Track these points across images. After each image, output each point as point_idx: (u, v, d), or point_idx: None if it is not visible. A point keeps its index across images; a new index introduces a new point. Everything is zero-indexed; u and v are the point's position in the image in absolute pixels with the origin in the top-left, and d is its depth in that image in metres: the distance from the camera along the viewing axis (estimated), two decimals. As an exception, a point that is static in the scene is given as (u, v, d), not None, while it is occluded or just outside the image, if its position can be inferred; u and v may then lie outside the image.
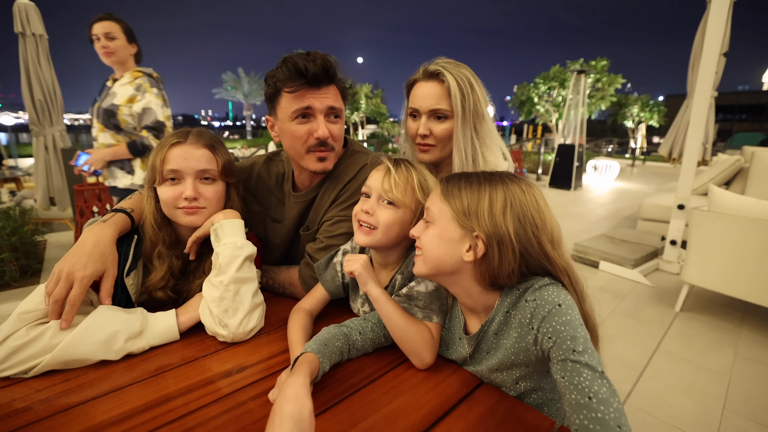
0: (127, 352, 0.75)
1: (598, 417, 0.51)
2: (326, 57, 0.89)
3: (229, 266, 0.83)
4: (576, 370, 0.55)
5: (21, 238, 2.92)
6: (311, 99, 0.89)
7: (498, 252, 0.63)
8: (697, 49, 3.28)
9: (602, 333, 0.74)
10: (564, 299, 0.62)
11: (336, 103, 0.93)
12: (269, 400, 0.65)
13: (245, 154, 10.94)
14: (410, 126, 1.05)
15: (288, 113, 0.91)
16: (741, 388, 1.79)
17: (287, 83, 0.88)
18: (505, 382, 0.72)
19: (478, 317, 0.74)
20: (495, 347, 0.71)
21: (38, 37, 3.56)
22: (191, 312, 0.84)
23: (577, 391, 0.53)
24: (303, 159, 0.96)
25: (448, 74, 0.96)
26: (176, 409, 0.63)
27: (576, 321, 0.60)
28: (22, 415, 0.60)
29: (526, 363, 0.67)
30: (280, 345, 0.83)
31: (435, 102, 0.98)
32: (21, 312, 0.70)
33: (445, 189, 0.69)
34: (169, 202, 0.85)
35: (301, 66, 0.86)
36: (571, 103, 7.75)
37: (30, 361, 0.68)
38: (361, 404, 0.66)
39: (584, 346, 0.57)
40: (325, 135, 0.91)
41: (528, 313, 0.64)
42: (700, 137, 2.96)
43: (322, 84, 0.90)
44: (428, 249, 0.69)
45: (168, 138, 0.88)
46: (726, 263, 2.22)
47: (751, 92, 36.66)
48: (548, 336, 0.59)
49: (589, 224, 4.80)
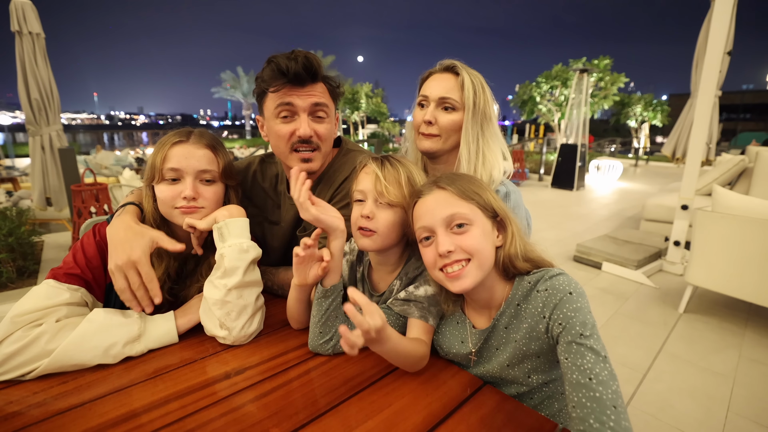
0: (125, 356, 0.75)
1: (596, 396, 0.54)
2: (308, 55, 0.89)
3: (234, 270, 0.81)
4: (580, 352, 0.58)
5: (18, 238, 2.90)
6: (293, 97, 0.89)
7: (509, 229, 0.71)
8: (700, 47, 3.26)
9: (605, 334, 0.74)
10: (575, 287, 0.65)
11: (321, 100, 0.92)
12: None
13: (244, 153, 10.95)
14: (416, 114, 1.05)
15: (271, 111, 0.91)
16: (745, 390, 1.78)
17: (271, 83, 0.88)
18: (517, 377, 0.73)
19: (489, 313, 0.75)
20: (505, 342, 0.73)
21: (35, 35, 3.53)
22: (190, 314, 0.84)
23: (579, 372, 0.56)
24: (288, 159, 0.95)
25: (464, 70, 0.98)
26: (175, 412, 0.62)
27: (585, 308, 0.62)
28: (19, 417, 0.60)
29: (538, 353, 0.69)
30: (280, 347, 0.82)
31: (446, 91, 0.98)
32: (15, 315, 0.69)
33: (459, 190, 0.71)
34: (167, 201, 0.84)
35: (283, 65, 0.86)
36: (574, 103, 7.72)
37: (26, 366, 0.67)
38: (362, 406, 0.65)
39: (591, 331, 0.60)
40: (307, 133, 0.90)
41: (540, 303, 0.66)
42: (704, 137, 2.94)
43: (305, 82, 0.89)
44: (482, 250, 0.68)
45: (169, 137, 0.87)
46: (730, 264, 2.20)
47: (755, 91, 36.43)
48: (558, 322, 0.62)
49: (592, 225, 4.78)
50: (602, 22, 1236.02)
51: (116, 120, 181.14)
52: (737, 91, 35.95)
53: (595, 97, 12.60)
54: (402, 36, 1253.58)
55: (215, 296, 0.80)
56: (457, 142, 1.03)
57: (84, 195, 2.93)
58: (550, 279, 0.67)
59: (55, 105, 3.73)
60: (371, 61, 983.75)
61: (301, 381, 0.71)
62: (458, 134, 1.02)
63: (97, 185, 3.04)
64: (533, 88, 13.57)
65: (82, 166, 5.59)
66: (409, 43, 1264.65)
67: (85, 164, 6.12)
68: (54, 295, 0.74)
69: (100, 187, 3.04)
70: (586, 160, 7.79)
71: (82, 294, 0.78)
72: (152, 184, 0.87)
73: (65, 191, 3.56)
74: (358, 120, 20.25)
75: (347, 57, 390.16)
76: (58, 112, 3.76)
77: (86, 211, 2.91)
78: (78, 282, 0.78)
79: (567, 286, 0.64)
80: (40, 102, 3.59)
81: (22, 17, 3.45)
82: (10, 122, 46.64)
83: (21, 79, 3.53)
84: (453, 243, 0.68)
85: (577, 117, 7.47)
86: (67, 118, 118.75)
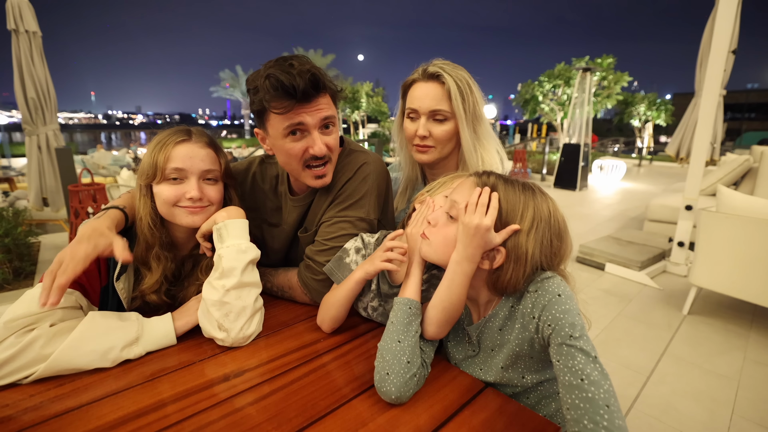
0: (123, 359, 0.74)
1: (588, 396, 0.54)
2: (313, 70, 0.81)
3: (232, 270, 0.81)
4: (571, 354, 0.59)
5: (14, 239, 2.88)
6: (303, 115, 0.83)
7: (512, 268, 0.66)
8: (705, 46, 3.23)
9: (608, 336, 0.74)
10: (564, 290, 0.65)
11: (329, 112, 0.88)
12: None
13: (243, 153, 10.93)
14: (408, 127, 1.04)
15: (279, 131, 0.85)
16: (750, 392, 1.76)
17: (274, 103, 0.81)
18: (512, 379, 0.74)
19: (483, 308, 0.76)
20: (500, 343, 0.73)
21: (32, 34, 3.48)
22: (188, 316, 0.83)
23: (570, 373, 0.57)
24: (300, 175, 0.92)
25: (448, 76, 0.96)
26: (172, 415, 0.61)
27: (574, 310, 0.63)
28: (15, 421, 0.59)
29: (530, 354, 0.70)
30: (279, 348, 0.81)
31: (435, 103, 0.97)
32: (8, 320, 0.68)
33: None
34: (170, 200, 0.83)
35: (287, 84, 0.78)
36: (577, 102, 7.68)
37: (21, 372, 0.67)
38: (361, 409, 0.64)
39: (581, 332, 0.61)
40: (323, 151, 0.87)
41: (530, 303, 0.67)
42: (709, 136, 2.91)
43: (312, 98, 0.83)
44: (443, 245, 0.70)
45: (169, 135, 0.84)
46: (735, 265, 2.18)
47: (760, 90, 36.19)
48: (548, 323, 0.63)
49: (595, 225, 4.76)
50: (605, 20, 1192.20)
51: (114, 119, 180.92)
52: (742, 90, 35.70)
53: (598, 96, 12.54)
54: (403, 34, 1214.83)
55: (213, 297, 0.79)
56: (453, 148, 1.03)
57: (81, 195, 2.91)
58: (540, 281, 0.67)
59: (52, 104, 3.67)
60: (372, 59, 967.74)
61: (301, 384, 0.70)
62: (453, 141, 1.02)
63: (94, 185, 3.02)
64: (536, 87, 13.52)
65: (79, 166, 5.56)
66: (411, 41, 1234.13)
67: (83, 164, 6.11)
68: None
69: (98, 187, 3.02)
70: (589, 159, 7.76)
71: (76, 297, 0.77)
72: (151, 183, 0.85)
73: (62, 191, 3.51)
74: (358, 119, 20.24)
75: (347, 56, 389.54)
76: (55, 111, 3.71)
77: (83, 211, 2.89)
78: (72, 285, 0.77)
79: (556, 289, 0.65)
80: (37, 101, 3.54)
81: (18, 15, 3.41)
82: (7, 122, 46.27)
83: (17, 78, 3.48)
84: (436, 219, 0.73)
85: (580, 116, 7.43)
86: (64, 118, 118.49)
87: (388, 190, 1.03)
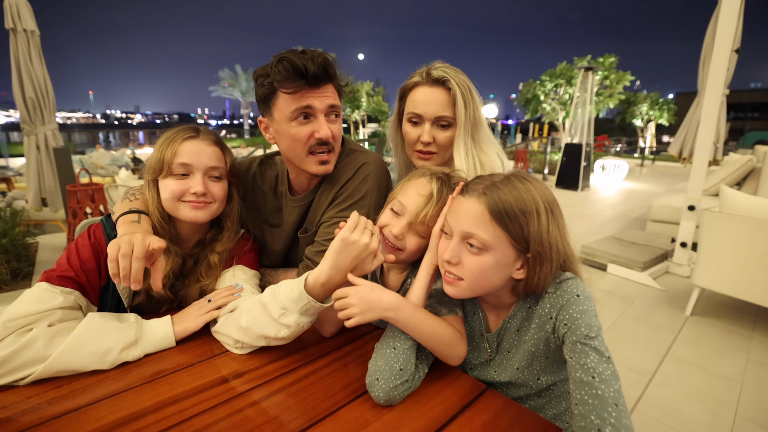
0: (122, 362, 0.73)
1: (598, 394, 0.55)
2: (325, 55, 0.86)
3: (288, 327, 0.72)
4: (584, 352, 0.59)
5: (12, 240, 2.87)
6: (311, 98, 0.86)
7: (540, 268, 0.66)
8: (708, 45, 3.22)
9: (610, 337, 0.75)
10: (583, 291, 0.66)
11: (335, 101, 0.91)
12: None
13: (243, 153, 10.93)
14: (409, 132, 1.02)
15: (286, 114, 0.87)
16: (753, 394, 1.75)
17: (285, 83, 0.84)
18: (527, 380, 0.74)
19: (497, 313, 0.76)
20: (517, 344, 0.73)
21: (30, 33, 3.47)
22: (187, 323, 0.83)
23: (582, 371, 0.58)
24: (303, 161, 0.93)
25: (453, 82, 0.95)
26: (172, 416, 0.61)
27: (591, 311, 0.63)
28: (13, 423, 0.59)
29: (546, 354, 0.71)
30: (279, 350, 0.81)
31: (441, 109, 0.97)
32: (7, 320, 0.68)
33: (496, 212, 0.63)
34: (175, 195, 0.85)
35: (299, 65, 0.82)
36: (578, 101, 7.66)
37: (19, 372, 0.66)
38: (361, 411, 0.64)
39: (597, 333, 0.61)
40: (328, 135, 0.89)
41: (548, 304, 0.68)
42: (711, 136, 2.90)
43: (321, 83, 0.87)
44: (480, 278, 0.67)
45: (178, 132, 0.87)
46: (738, 266, 2.17)
47: (763, 90, 35.99)
48: (564, 323, 0.64)
49: (597, 226, 4.75)
50: (607, 19, 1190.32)
51: (112, 119, 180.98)
52: (745, 90, 35.51)
53: (600, 96, 12.50)
54: (403, 33, 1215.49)
55: (265, 332, 0.73)
56: (452, 154, 1.02)
57: (79, 195, 2.91)
58: (559, 283, 0.68)
59: (50, 104, 3.66)
60: (372, 58, 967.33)
61: (300, 385, 0.70)
62: (452, 147, 1.01)
63: (92, 185, 3.02)
64: (537, 86, 13.49)
65: (77, 165, 5.54)
66: (411, 40, 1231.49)
67: (81, 164, 6.09)
68: (47, 298, 0.73)
69: (96, 187, 3.02)
70: (591, 159, 7.73)
71: (75, 297, 0.77)
72: (157, 178, 0.87)
73: (60, 191, 3.51)
74: (358, 119, 20.24)
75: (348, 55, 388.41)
76: (53, 110, 3.69)
77: (81, 211, 2.89)
78: (72, 285, 0.77)
79: (575, 290, 0.65)
80: (35, 101, 3.53)
81: (16, 14, 3.39)
82: (5, 121, 46.12)
83: (15, 78, 3.47)
84: (457, 256, 0.67)
85: (582, 116, 7.41)
86: (62, 117, 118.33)
87: (388, 190, 1.03)
